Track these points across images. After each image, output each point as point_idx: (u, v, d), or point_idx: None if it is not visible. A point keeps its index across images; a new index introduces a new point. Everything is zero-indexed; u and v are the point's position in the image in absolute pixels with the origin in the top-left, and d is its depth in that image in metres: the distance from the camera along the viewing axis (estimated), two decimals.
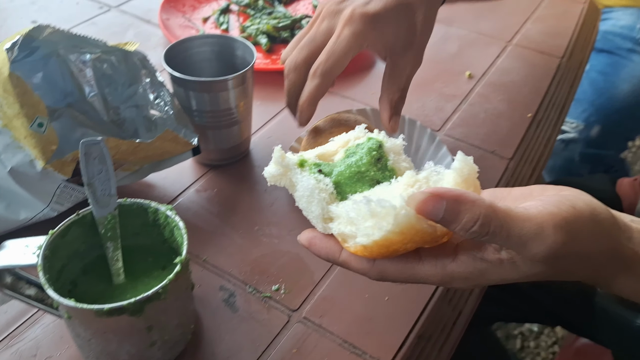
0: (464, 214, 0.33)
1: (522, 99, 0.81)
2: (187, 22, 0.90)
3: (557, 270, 0.36)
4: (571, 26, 0.98)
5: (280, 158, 0.41)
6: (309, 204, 0.40)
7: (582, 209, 0.34)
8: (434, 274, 0.37)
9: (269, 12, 0.93)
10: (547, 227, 0.33)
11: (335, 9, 0.55)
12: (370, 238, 0.35)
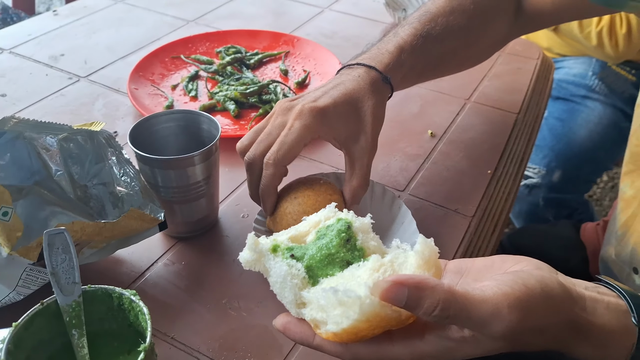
0: (424, 299, 0.36)
1: (482, 155, 0.84)
2: (156, 91, 0.92)
3: (517, 343, 0.39)
4: (526, 82, 1.03)
5: (253, 244, 0.44)
6: (282, 289, 0.43)
7: (534, 287, 0.38)
8: (404, 353, 0.39)
9: (237, 78, 0.96)
10: (502, 308, 0.36)
11: (288, 106, 0.60)
12: (339, 326, 0.38)
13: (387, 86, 0.64)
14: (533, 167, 1.38)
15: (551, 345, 0.39)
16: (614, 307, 0.41)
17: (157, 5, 1.23)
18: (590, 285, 0.43)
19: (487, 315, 0.36)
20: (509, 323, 0.36)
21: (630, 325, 0.40)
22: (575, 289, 0.41)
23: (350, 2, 1.30)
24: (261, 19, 1.19)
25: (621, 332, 0.40)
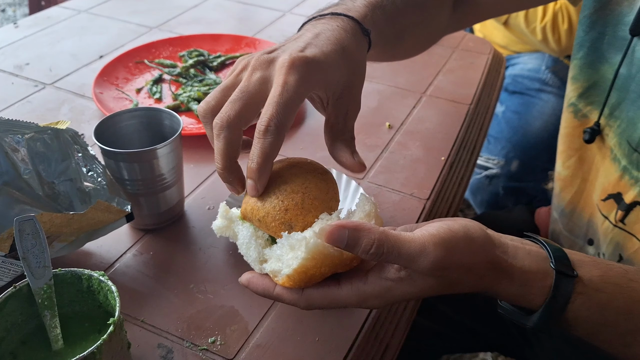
0: (362, 239, 0.42)
1: (437, 144, 0.89)
2: (120, 94, 0.95)
3: (446, 281, 0.44)
4: (478, 76, 1.08)
5: (225, 212, 0.50)
6: (247, 249, 0.49)
7: (457, 230, 0.44)
8: (350, 295, 0.45)
9: (200, 80, 0.99)
10: (428, 245, 0.42)
11: (267, 58, 0.51)
12: (291, 268, 0.43)
13: (366, 39, 0.59)
14: (492, 158, 1.44)
15: (476, 286, 0.45)
16: (534, 254, 0.46)
17: (120, 13, 1.25)
18: (516, 237, 0.48)
19: (415, 252, 0.42)
20: (434, 258, 0.42)
21: (548, 269, 0.45)
22: (499, 237, 0.47)
23: (310, 5, 1.34)
24: (224, 23, 1.23)
25: (540, 275, 0.45)
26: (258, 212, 0.47)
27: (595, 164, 0.80)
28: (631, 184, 0.72)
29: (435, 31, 0.82)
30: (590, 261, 0.48)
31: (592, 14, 0.74)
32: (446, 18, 0.82)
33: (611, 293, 0.47)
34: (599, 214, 0.78)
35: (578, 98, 0.80)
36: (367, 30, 0.59)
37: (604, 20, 0.73)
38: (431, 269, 0.42)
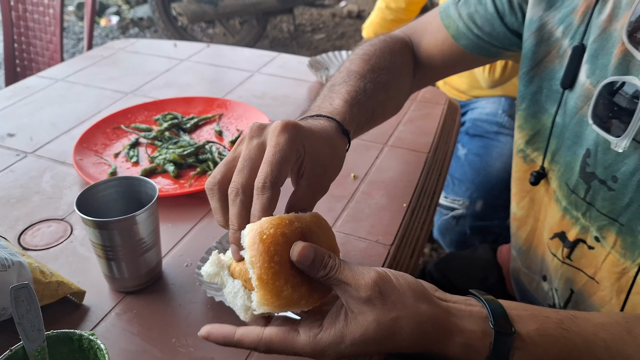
0: (326, 261, 0.51)
1: (399, 191, 0.96)
2: (99, 160, 1.00)
3: (388, 327, 0.50)
4: (435, 125, 1.16)
5: (216, 260, 0.55)
6: (234, 298, 0.54)
7: (398, 276, 0.52)
8: (307, 343, 0.50)
9: (175, 142, 1.05)
10: (370, 271, 0.51)
11: (261, 126, 0.58)
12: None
13: (345, 138, 0.69)
14: (458, 199, 1.51)
15: (422, 341, 0.51)
16: (476, 314, 0.53)
17: (96, 80, 1.32)
18: (461, 298, 0.55)
19: (359, 282, 0.50)
20: (373, 278, 0.50)
21: (488, 329, 0.52)
22: (444, 296, 0.55)
23: (277, 64, 1.43)
24: (196, 86, 1.30)
25: (481, 334, 0.52)
26: (246, 274, 0.53)
27: (543, 205, 0.87)
28: (572, 223, 0.79)
29: (400, 100, 0.93)
30: (528, 315, 0.55)
31: (530, 71, 0.83)
32: (408, 86, 0.93)
33: (547, 345, 0.54)
34: (549, 252, 0.85)
35: (525, 144, 0.88)
36: (347, 131, 0.68)
37: (540, 76, 0.82)
38: (371, 287, 0.49)
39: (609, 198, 0.72)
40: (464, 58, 0.92)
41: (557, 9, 0.77)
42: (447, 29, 0.91)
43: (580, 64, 0.73)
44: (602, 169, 0.72)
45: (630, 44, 0.65)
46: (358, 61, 0.84)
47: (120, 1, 4.81)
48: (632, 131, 0.65)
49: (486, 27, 0.87)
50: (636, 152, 0.67)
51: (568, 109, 0.76)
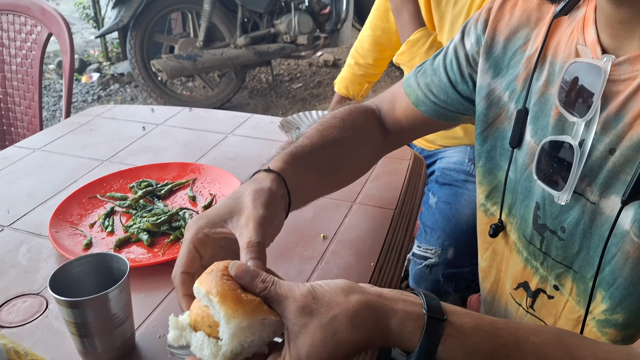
0: (264, 277, 0.59)
1: (367, 249, 0.99)
2: (75, 231, 1.03)
3: (327, 331, 0.55)
4: (401, 180, 1.21)
5: (175, 323, 0.60)
6: (201, 350, 0.58)
7: (318, 283, 0.58)
8: None
9: (149, 210, 1.08)
10: (300, 285, 0.57)
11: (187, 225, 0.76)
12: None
13: (270, 175, 0.77)
14: (430, 248, 1.55)
15: (364, 336, 0.55)
16: (410, 300, 0.58)
17: (73, 148, 1.35)
18: (396, 290, 0.60)
19: (295, 294, 0.56)
20: (304, 290, 0.56)
21: (421, 313, 0.56)
22: (375, 288, 0.59)
23: (249, 125, 1.48)
24: (170, 150, 1.34)
25: (414, 316, 0.56)
26: (208, 319, 0.58)
27: (505, 256, 0.91)
28: (533, 273, 0.83)
29: (369, 155, 1.02)
30: (463, 312, 0.59)
31: (483, 131, 0.89)
32: (379, 143, 1.01)
33: (479, 338, 0.56)
34: (513, 302, 0.89)
35: (485, 199, 0.93)
36: (268, 169, 0.80)
37: (493, 136, 0.88)
38: (305, 295, 0.56)
39: (561, 247, 0.77)
40: (426, 123, 1.00)
41: (503, 76, 0.84)
42: (408, 97, 0.99)
43: (525, 125, 0.80)
44: (551, 220, 0.77)
45: (561, 107, 0.71)
46: (313, 131, 0.91)
47: (100, 58, 4.90)
48: (571, 185, 0.71)
49: (441, 95, 0.95)
50: (578, 204, 0.72)
51: (518, 166, 0.82)
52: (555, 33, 0.77)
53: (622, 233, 0.67)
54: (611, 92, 0.67)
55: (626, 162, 0.67)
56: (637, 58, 0.65)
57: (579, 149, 0.69)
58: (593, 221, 0.71)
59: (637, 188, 0.64)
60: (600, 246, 0.70)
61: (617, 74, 0.67)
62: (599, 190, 0.70)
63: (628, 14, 0.65)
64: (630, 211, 0.66)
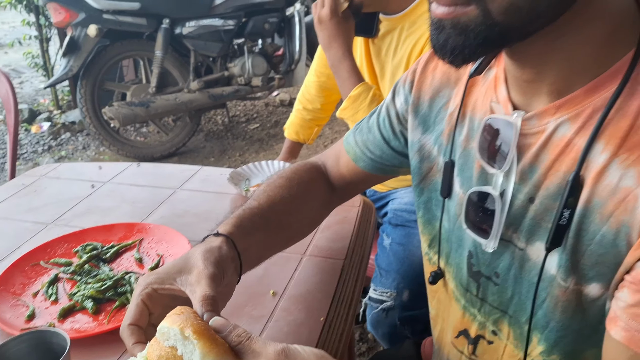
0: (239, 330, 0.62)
1: (316, 304, 0.99)
2: (17, 301, 1.00)
3: None
4: (350, 228, 1.23)
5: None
6: None
7: (293, 345, 0.61)
8: None
9: (94, 275, 1.06)
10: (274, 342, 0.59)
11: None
12: None
13: (219, 238, 0.80)
14: (386, 291, 1.56)
15: None
16: None
17: (17, 212, 1.32)
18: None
19: (268, 351, 0.58)
20: (277, 347, 0.59)
21: None
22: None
23: (199, 179, 1.48)
24: (117, 209, 1.33)
25: None
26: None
27: (446, 305, 0.94)
28: (471, 320, 0.85)
29: (319, 209, 1.05)
30: None
31: (419, 184, 0.92)
32: (327, 198, 1.05)
33: None
34: (456, 351, 0.90)
35: (428, 248, 0.96)
36: (217, 232, 0.82)
37: (428, 188, 0.91)
38: (279, 353, 0.58)
39: (496, 292, 0.79)
40: (367, 176, 1.04)
41: (431, 132, 0.89)
42: (348, 154, 1.04)
43: (453, 176, 0.84)
44: (485, 267, 0.80)
45: (482, 160, 0.75)
46: (261, 193, 0.93)
47: (51, 106, 4.82)
48: (497, 233, 0.74)
49: (377, 152, 0.99)
50: (508, 250, 0.75)
51: (450, 216, 0.85)
52: (472, 91, 0.82)
53: (550, 278, 0.70)
54: (524, 145, 0.71)
55: (545, 211, 0.70)
56: (544, 113, 0.69)
57: (501, 199, 0.73)
58: (522, 267, 0.74)
59: (557, 236, 0.67)
60: (531, 291, 0.72)
61: (528, 128, 0.71)
62: (524, 237, 0.73)
63: (532, 74, 0.70)
64: (555, 257, 0.69)
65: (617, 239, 0.64)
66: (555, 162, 0.69)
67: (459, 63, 0.67)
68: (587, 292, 0.69)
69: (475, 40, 0.63)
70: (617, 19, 0.65)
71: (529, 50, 0.67)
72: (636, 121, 0.62)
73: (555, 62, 0.67)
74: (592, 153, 0.65)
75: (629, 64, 0.64)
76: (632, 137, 0.63)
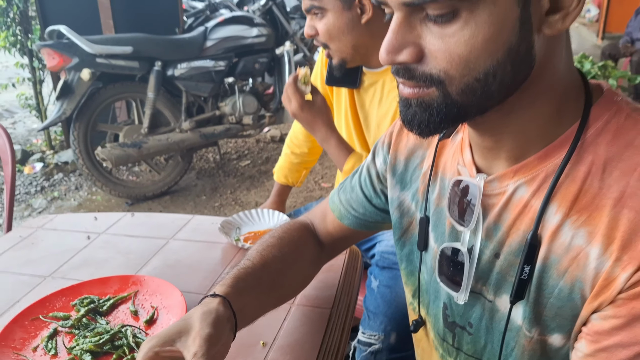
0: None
1: (304, 354, 1.04)
2: (18, 357, 1.04)
3: None
4: (337, 276, 1.28)
5: None
6: None
7: None
8: None
9: (92, 329, 1.10)
10: None
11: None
12: None
13: (216, 299, 0.85)
14: (374, 334, 1.60)
15: None
16: None
17: (14, 265, 1.37)
18: None
19: None
20: None
21: None
22: None
23: (190, 228, 1.53)
24: (112, 261, 1.37)
25: None
26: None
27: (428, 353, 0.99)
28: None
29: (310, 266, 1.10)
30: None
31: (400, 238, 0.99)
32: (316, 255, 1.11)
33: None
34: None
35: (412, 298, 1.02)
36: (214, 294, 0.87)
37: (409, 241, 0.98)
38: None
39: (470, 341, 0.86)
40: (352, 233, 1.11)
41: (408, 189, 0.96)
42: (333, 213, 1.11)
43: (428, 231, 0.90)
44: (459, 317, 0.86)
45: (451, 218, 0.82)
46: (254, 252, 0.99)
47: (44, 147, 4.88)
48: (466, 286, 0.80)
49: (360, 209, 1.06)
50: (479, 302, 0.82)
51: (427, 269, 0.92)
52: (443, 153, 0.90)
53: (517, 328, 0.77)
54: (488, 205, 0.79)
55: (509, 266, 0.77)
56: (504, 176, 0.77)
57: (469, 255, 0.79)
58: (493, 317, 0.81)
59: (520, 289, 0.74)
60: (502, 340, 0.79)
61: (490, 189, 0.78)
62: (492, 290, 0.80)
63: (491, 142, 0.77)
64: (520, 309, 0.76)
65: (572, 293, 0.71)
66: (516, 221, 0.76)
67: (425, 135, 0.74)
68: (550, 342, 0.75)
69: (438, 117, 0.71)
70: (563, 95, 0.73)
71: (486, 122, 0.75)
72: (584, 185, 0.70)
73: (511, 132, 0.75)
74: (547, 214, 0.73)
75: (575, 133, 0.72)
76: (581, 200, 0.70)
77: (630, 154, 0.68)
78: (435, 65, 0.67)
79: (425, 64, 0.68)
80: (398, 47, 0.69)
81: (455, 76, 0.67)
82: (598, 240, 0.67)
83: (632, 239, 0.65)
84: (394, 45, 0.69)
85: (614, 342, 0.65)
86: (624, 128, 0.70)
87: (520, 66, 0.68)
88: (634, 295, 0.64)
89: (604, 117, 0.71)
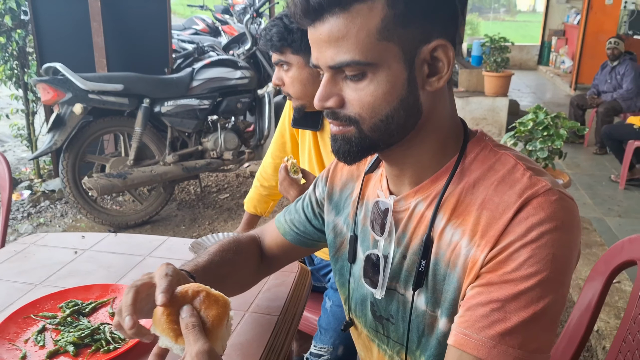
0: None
1: (252, 351, 1.25)
2: (12, 346, 1.24)
3: None
4: (287, 290, 1.51)
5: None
6: (162, 342, 0.93)
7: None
8: None
9: (75, 325, 1.31)
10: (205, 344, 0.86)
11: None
12: None
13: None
14: (324, 346, 1.82)
15: None
16: None
17: (7, 275, 1.57)
18: None
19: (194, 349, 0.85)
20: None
21: None
22: None
23: (166, 248, 1.76)
24: (95, 273, 1.59)
25: None
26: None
27: (367, 346, 1.22)
28: (384, 355, 1.16)
29: (251, 275, 1.32)
30: None
31: (334, 255, 1.23)
32: (256, 267, 1.32)
33: None
34: None
35: (344, 304, 1.25)
36: (193, 276, 1.07)
37: (341, 258, 1.22)
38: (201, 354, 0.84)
39: (394, 330, 1.09)
40: (293, 249, 1.34)
41: (341, 214, 1.20)
42: (278, 230, 1.34)
43: (357, 246, 1.14)
44: (383, 311, 1.10)
45: (371, 230, 1.07)
46: (205, 255, 1.21)
47: (32, 175, 5.07)
48: (382, 284, 1.05)
49: (301, 228, 1.30)
50: (395, 297, 1.07)
51: (355, 277, 1.16)
52: (368, 184, 1.15)
53: (422, 313, 1.01)
54: (398, 219, 1.04)
55: (413, 264, 1.02)
56: (407, 196, 1.03)
57: (384, 259, 1.04)
58: (405, 307, 1.05)
59: (419, 279, 0.99)
60: (413, 325, 1.02)
61: (399, 207, 1.04)
62: (402, 285, 1.04)
63: (397, 171, 1.04)
64: (422, 296, 1.00)
65: (455, 276, 0.95)
66: (416, 229, 1.01)
67: (349, 162, 1.00)
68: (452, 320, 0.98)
69: (356, 148, 0.97)
70: (447, 134, 1.00)
71: (393, 155, 1.01)
72: (460, 197, 0.96)
73: (410, 163, 1.01)
74: (436, 220, 0.98)
75: (454, 163, 0.98)
76: (458, 208, 0.96)
77: (491, 175, 0.95)
78: (352, 110, 0.94)
79: (346, 108, 0.95)
80: (326, 96, 0.96)
81: (365, 118, 0.93)
82: (467, 234, 0.93)
83: (487, 230, 0.91)
84: (324, 95, 0.95)
85: (476, 302, 0.90)
86: (487, 158, 0.97)
87: (411, 112, 0.94)
88: (489, 269, 0.89)
89: (475, 151, 0.98)
